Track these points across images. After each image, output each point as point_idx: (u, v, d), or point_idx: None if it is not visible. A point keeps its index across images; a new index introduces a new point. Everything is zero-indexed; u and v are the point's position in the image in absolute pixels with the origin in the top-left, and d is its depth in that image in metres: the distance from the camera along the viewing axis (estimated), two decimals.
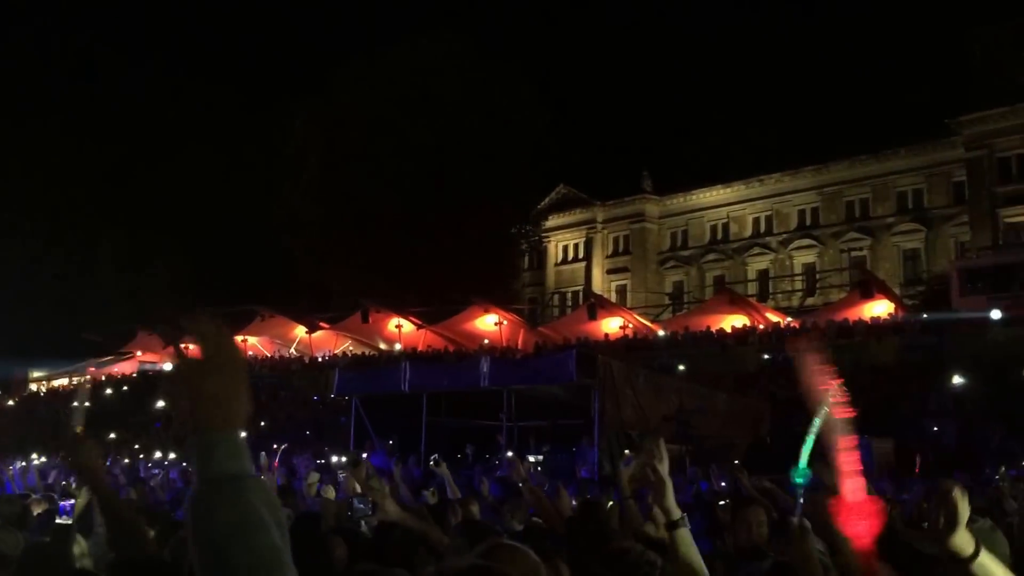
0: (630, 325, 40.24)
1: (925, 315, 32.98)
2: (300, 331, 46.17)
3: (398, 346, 42.33)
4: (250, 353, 45.56)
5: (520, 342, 40.13)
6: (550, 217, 68.53)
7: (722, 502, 8.12)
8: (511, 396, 20.13)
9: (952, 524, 2.52)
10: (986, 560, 2.51)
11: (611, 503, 7.66)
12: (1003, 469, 16.05)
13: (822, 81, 72.99)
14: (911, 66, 65.26)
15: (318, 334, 45.66)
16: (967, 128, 49.67)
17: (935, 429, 23.79)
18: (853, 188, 55.97)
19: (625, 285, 64.62)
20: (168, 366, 42.83)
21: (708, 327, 37.59)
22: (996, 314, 29.22)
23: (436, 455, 11.39)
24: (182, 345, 1.65)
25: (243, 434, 1.57)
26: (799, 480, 2.81)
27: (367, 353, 43.08)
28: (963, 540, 2.47)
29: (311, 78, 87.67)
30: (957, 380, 25.38)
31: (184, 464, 19.29)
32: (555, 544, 6.25)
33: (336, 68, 59.84)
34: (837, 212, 56.92)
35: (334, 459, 18.81)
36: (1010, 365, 25.44)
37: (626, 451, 15.60)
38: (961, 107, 49.38)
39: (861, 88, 67.52)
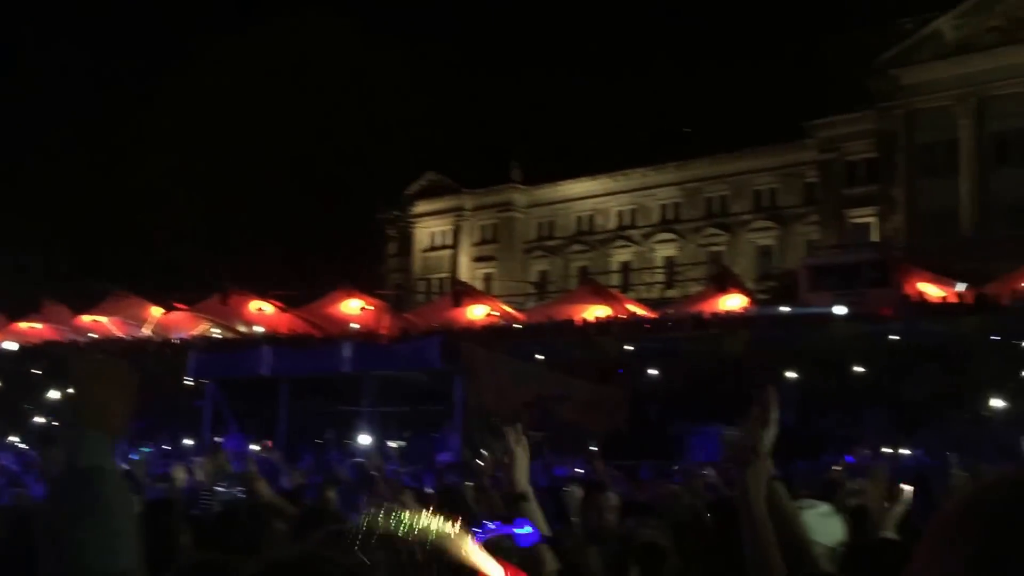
0: (495, 313, 40.56)
1: (775, 309, 34.23)
2: (155, 311, 44.83)
3: (259, 329, 41.57)
4: (93, 335, 44.08)
5: (384, 328, 39.98)
6: (418, 203, 68.37)
7: (567, 488, 8.34)
8: (373, 381, 20.12)
9: (765, 421, 2.81)
10: (781, 488, 2.75)
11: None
12: (843, 458, 16.95)
13: (688, 80, 74.91)
14: (771, 70, 67.59)
15: (174, 315, 44.40)
16: (820, 131, 51.92)
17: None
18: (713, 185, 57.78)
19: (491, 273, 65.04)
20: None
21: (571, 317, 38.20)
22: (840, 309, 30.57)
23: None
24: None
25: (114, 440, 1.86)
26: None
27: (226, 336, 42.17)
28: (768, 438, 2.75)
29: (177, 52, 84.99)
30: (802, 372, 26.40)
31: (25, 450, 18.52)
32: None
33: (204, 43, 58.34)
34: (697, 208, 58.62)
35: (186, 442, 18.48)
36: (851, 358, 26.68)
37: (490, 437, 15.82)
38: (815, 111, 51.55)
39: (724, 89, 69.52)
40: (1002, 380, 23.58)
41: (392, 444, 19.37)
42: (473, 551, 1.43)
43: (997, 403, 21.71)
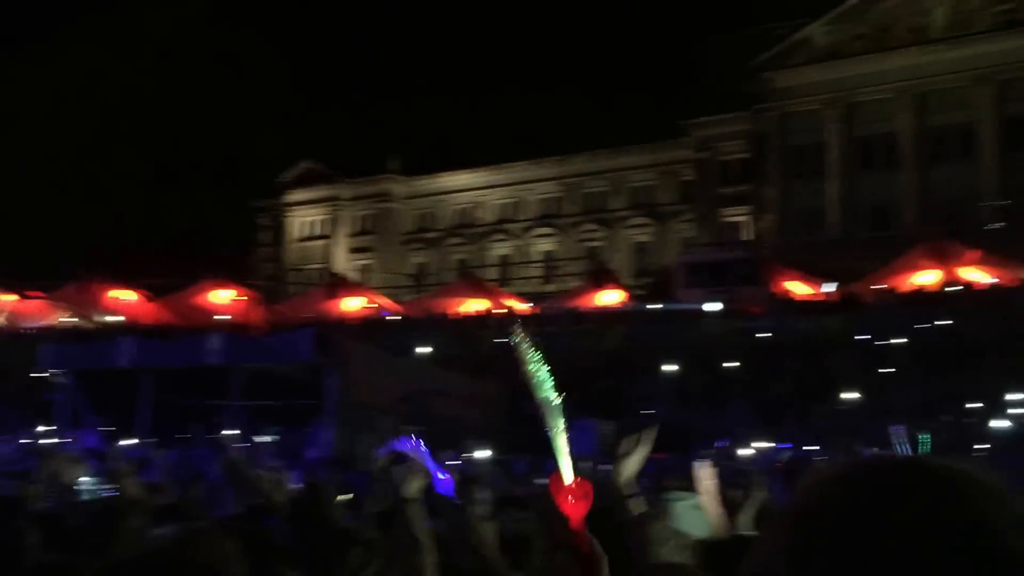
0: (371, 305, 40.01)
1: (650, 305, 34.70)
2: (7, 299, 42.58)
3: (119, 319, 39.89)
4: None
5: (255, 319, 38.96)
6: (292, 192, 67.04)
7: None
8: (242, 374, 19.45)
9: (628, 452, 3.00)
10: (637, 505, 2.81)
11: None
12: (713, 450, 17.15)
13: (571, 77, 75.48)
14: (651, 69, 68.54)
15: (28, 303, 42.25)
16: (696, 131, 53.00)
17: (652, 412, 25.19)
18: (592, 181, 58.34)
19: (368, 265, 64.25)
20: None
21: (449, 310, 37.97)
22: (712, 306, 31.14)
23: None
24: None
25: None
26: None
27: (83, 325, 40.35)
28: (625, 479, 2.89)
29: (39, 30, 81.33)
30: (675, 366, 26.79)
31: None
32: (275, 525, 6.04)
33: (64, 23, 55.82)
34: (576, 203, 59.11)
35: (43, 441, 17.49)
36: (722, 353, 27.21)
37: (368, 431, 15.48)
38: (693, 111, 52.57)
39: (606, 87, 70.16)
40: (863, 375, 24.33)
41: (261, 439, 18.77)
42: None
43: (858, 396, 22.40)
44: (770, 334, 27.91)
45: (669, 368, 26.86)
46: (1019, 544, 0.88)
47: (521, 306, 38.59)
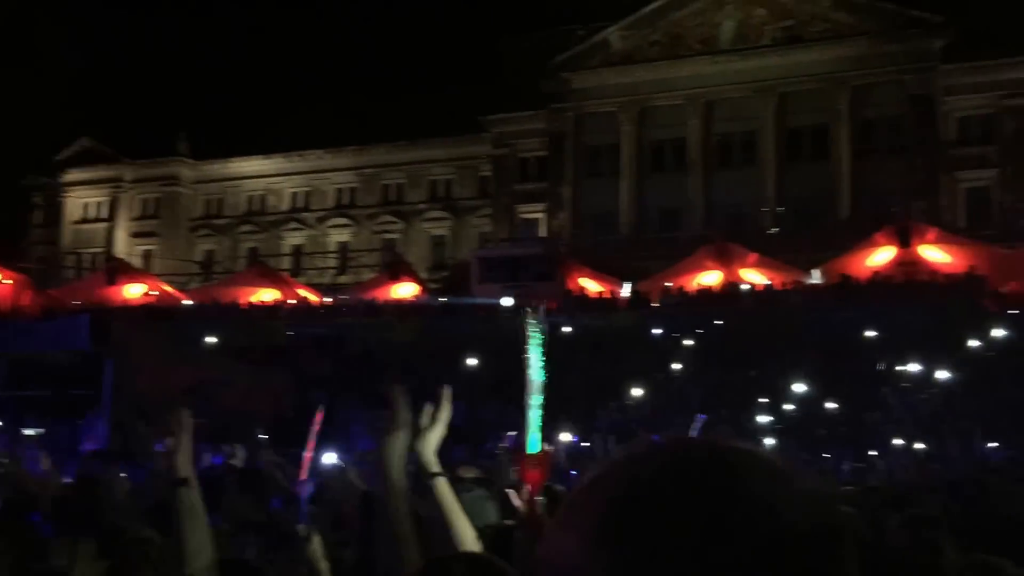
0: (154, 292, 38.12)
1: (446, 299, 34.67)
2: None
3: None
4: None
5: (25, 304, 36.38)
6: (70, 171, 63.16)
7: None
8: (6, 363, 18.06)
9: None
10: (443, 485, 2.89)
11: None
12: (503, 444, 17.24)
13: (373, 67, 74.54)
14: (453, 64, 68.59)
15: None
16: (495, 127, 53.55)
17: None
18: (390, 172, 57.90)
19: (152, 250, 61.38)
20: None
21: (238, 299, 36.68)
22: (508, 301, 31.36)
23: None
24: None
25: None
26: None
27: None
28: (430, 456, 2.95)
29: None
30: (470, 361, 26.85)
31: None
32: (38, 520, 5.60)
33: None
34: (374, 194, 58.52)
35: None
36: (515, 349, 27.48)
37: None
38: (492, 107, 53.03)
39: (408, 79, 69.56)
40: (651, 372, 25.11)
41: (29, 432, 17.50)
42: None
43: (647, 392, 23.08)
44: (562, 330, 28.37)
45: (463, 362, 26.87)
46: (802, 522, 0.92)
47: (314, 297, 37.79)
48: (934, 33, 45.03)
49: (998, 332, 23.00)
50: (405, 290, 36.07)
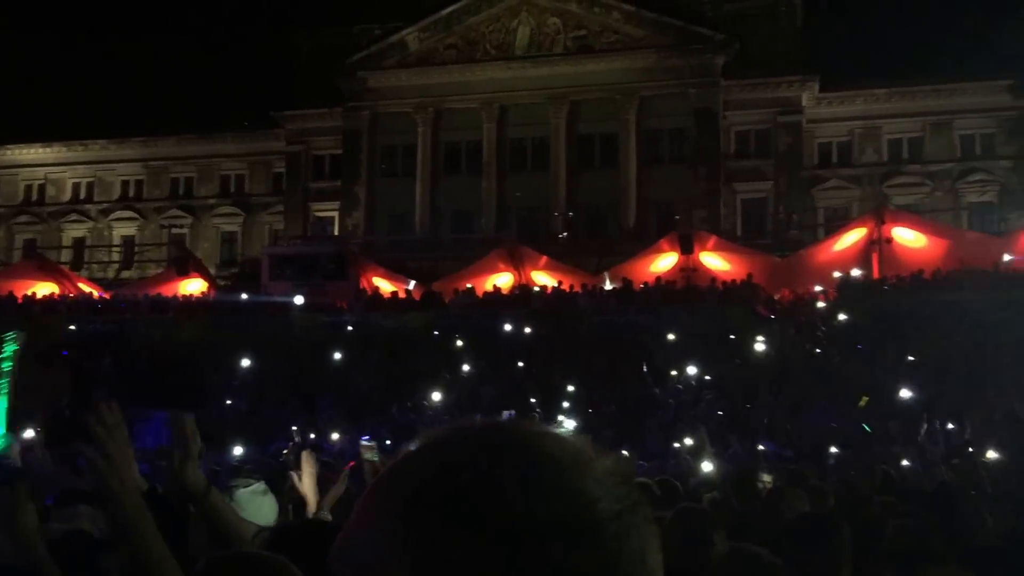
0: None
1: (235, 296, 33.85)
2: None
3: None
4: None
5: None
6: None
7: None
8: None
9: (187, 456, 2.83)
10: (216, 498, 2.77)
11: None
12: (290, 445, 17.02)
13: (163, 55, 71.45)
14: (248, 57, 66.73)
15: None
16: (289, 123, 52.58)
17: (228, 403, 24.74)
18: (179, 166, 55.79)
19: None
20: None
21: (12, 292, 34.49)
22: (299, 299, 30.95)
23: None
24: None
25: None
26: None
27: None
28: (196, 475, 2.78)
29: None
30: (260, 359, 26.35)
31: None
32: None
33: None
34: (161, 187, 56.24)
35: None
36: (308, 347, 27.11)
37: None
38: (287, 103, 52.04)
39: (201, 71, 67.22)
40: (444, 372, 25.27)
41: None
42: None
43: (440, 392, 23.21)
44: (355, 329, 28.23)
45: (253, 360, 26.33)
46: (608, 507, 0.94)
47: (96, 291, 36.05)
48: (716, 50, 47.41)
49: (771, 336, 24.31)
50: (193, 286, 35.02)
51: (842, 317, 25.08)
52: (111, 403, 2.60)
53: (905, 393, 19.44)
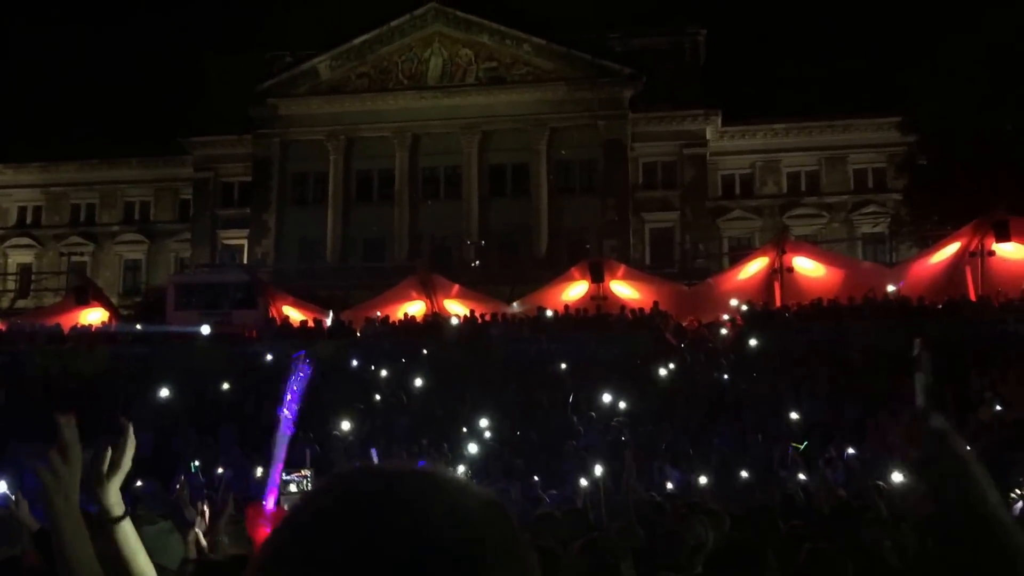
0: None
1: (139, 326, 33.04)
2: None
3: None
4: None
5: None
6: None
7: None
8: None
9: (113, 470, 2.75)
10: (127, 527, 2.73)
11: None
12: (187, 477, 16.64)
13: (67, 80, 69.38)
14: (155, 80, 65.27)
15: None
16: (198, 149, 51.78)
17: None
18: (81, 191, 54.40)
19: None
20: None
21: None
22: (205, 329, 30.32)
23: None
24: None
25: None
26: None
27: None
28: (117, 496, 2.71)
29: None
30: (163, 391, 25.69)
31: None
32: None
33: None
34: (61, 214, 54.77)
35: None
36: (213, 378, 26.53)
37: None
38: (195, 129, 51.24)
39: (104, 95, 65.43)
40: (352, 403, 24.93)
41: None
42: None
43: (350, 422, 22.86)
44: (263, 359, 27.73)
45: (157, 392, 25.64)
46: (459, 536, 1.00)
47: None
48: (624, 84, 48.34)
49: (679, 362, 24.66)
50: (93, 316, 34.04)
51: (747, 344, 25.55)
52: (70, 418, 2.61)
53: (797, 416, 19.93)
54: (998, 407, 19.47)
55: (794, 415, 20.03)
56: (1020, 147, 33.41)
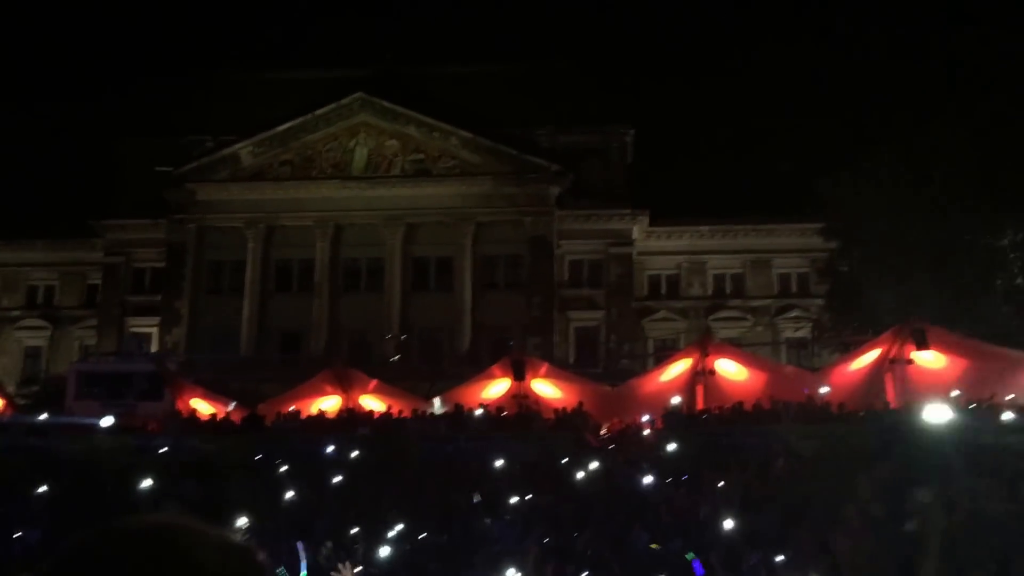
0: None
1: (33, 416, 31.46)
2: None
3: None
4: None
5: None
6: None
7: None
8: None
9: None
10: None
11: None
12: None
13: None
14: (67, 162, 63.54)
15: None
16: (109, 233, 50.40)
17: (18, 535, 22.47)
18: None
19: None
20: None
21: None
22: (107, 420, 28.90)
23: None
24: None
25: None
26: None
27: None
28: None
29: None
30: (57, 485, 24.21)
31: None
32: None
33: None
34: None
35: None
36: (114, 472, 25.19)
37: None
38: (106, 211, 49.83)
39: (10, 173, 63.48)
40: (258, 498, 23.79)
41: None
42: None
43: (254, 520, 21.69)
44: (168, 452, 26.45)
45: (50, 487, 24.14)
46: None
47: None
48: (551, 180, 48.47)
49: (600, 464, 24.06)
50: None
51: (668, 447, 25.11)
52: None
53: (727, 523, 19.30)
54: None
55: (727, 522, 19.40)
56: (938, 256, 34.03)
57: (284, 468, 25.27)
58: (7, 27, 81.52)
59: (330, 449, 26.00)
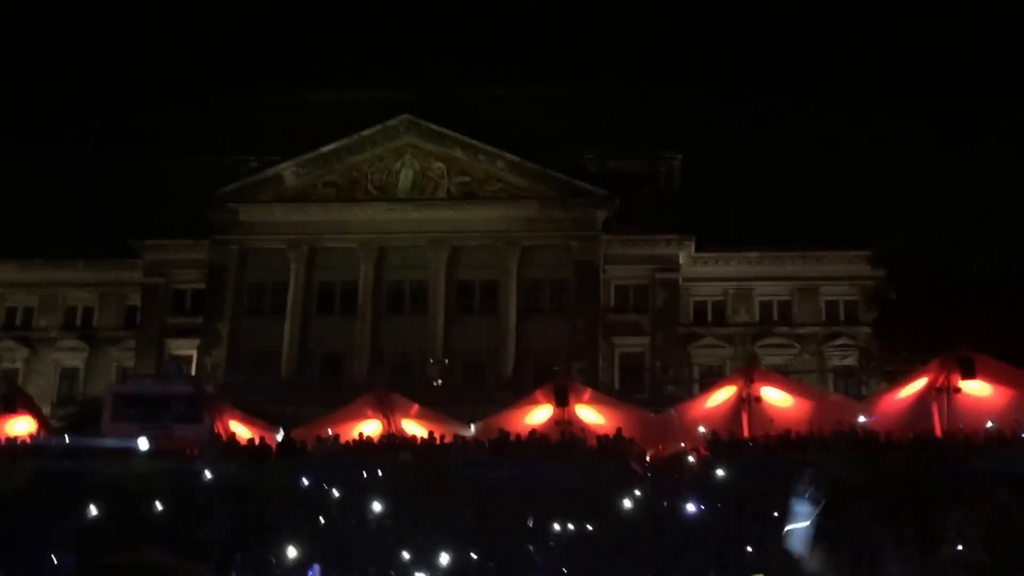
0: None
1: (71, 438, 31.16)
2: None
3: None
4: None
5: None
6: None
7: None
8: None
9: None
10: None
11: None
12: None
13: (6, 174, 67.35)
14: (107, 179, 63.35)
15: None
16: (149, 253, 50.17)
17: (55, 561, 21.98)
18: (19, 293, 52.32)
19: None
20: None
21: None
22: (143, 443, 28.51)
23: None
24: None
25: None
26: None
27: None
28: None
29: None
30: (94, 508, 23.85)
31: None
32: None
33: None
34: None
35: None
36: (151, 496, 24.78)
37: None
38: (147, 231, 49.70)
39: (52, 191, 63.61)
40: (300, 524, 23.29)
41: None
42: None
43: (295, 544, 21.16)
44: (205, 477, 25.98)
45: (86, 510, 23.75)
46: None
47: None
48: (598, 205, 47.87)
49: (644, 492, 23.38)
50: (20, 427, 32.01)
51: (713, 474, 24.42)
52: None
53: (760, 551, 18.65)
54: (959, 547, 19.02)
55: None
56: (986, 284, 33.51)
57: (329, 492, 24.77)
58: (53, 46, 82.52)
59: (372, 474, 25.48)
